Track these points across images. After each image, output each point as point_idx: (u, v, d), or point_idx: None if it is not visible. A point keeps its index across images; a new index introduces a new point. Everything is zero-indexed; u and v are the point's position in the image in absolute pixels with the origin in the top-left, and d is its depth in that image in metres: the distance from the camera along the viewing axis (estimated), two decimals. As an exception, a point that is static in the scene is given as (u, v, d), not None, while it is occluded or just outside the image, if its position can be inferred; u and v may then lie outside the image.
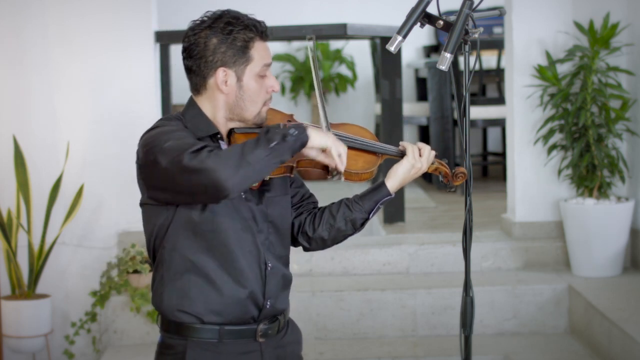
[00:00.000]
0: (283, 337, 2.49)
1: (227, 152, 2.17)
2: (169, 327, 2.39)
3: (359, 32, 5.24)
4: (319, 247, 2.58)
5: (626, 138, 4.84)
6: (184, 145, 2.20)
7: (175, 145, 2.22)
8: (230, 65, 2.36)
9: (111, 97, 4.86)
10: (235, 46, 2.36)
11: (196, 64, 2.38)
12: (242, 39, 2.37)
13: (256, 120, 2.41)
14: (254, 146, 2.18)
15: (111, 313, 4.56)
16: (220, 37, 2.36)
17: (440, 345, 4.37)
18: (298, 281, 4.64)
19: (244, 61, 2.37)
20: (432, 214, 5.84)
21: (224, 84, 2.37)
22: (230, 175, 2.14)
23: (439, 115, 6.59)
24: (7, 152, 4.66)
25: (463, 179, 2.57)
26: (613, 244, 4.64)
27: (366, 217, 2.52)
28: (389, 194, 2.52)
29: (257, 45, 2.39)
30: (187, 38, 2.39)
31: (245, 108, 2.39)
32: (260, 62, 2.39)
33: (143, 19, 4.90)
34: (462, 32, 2.49)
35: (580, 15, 4.85)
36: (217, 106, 2.40)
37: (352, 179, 2.46)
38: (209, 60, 2.37)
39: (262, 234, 2.42)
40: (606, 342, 4.04)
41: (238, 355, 2.38)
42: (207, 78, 2.39)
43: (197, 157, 2.16)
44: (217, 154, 2.16)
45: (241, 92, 2.38)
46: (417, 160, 2.50)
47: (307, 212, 2.57)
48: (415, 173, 2.52)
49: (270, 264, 2.42)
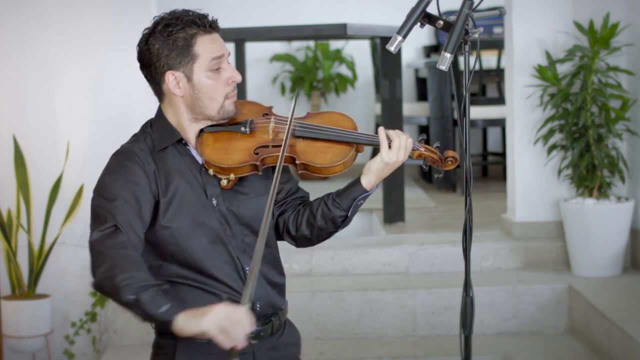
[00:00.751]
0: (279, 339, 2.45)
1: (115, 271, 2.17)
2: (160, 327, 2.35)
3: (359, 32, 5.24)
4: (305, 244, 2.50)
5: (626, 138, 4.84)
6: (97, 221, 2.28)
7: (92, 220, 2.30)
8: (177, 67, 2.33)
9: (111, 97, 4.86)
10: (177, 47, 2.32)
11: (148, 72, 2.38)
12: (182, 38, 2.32)
13: (222, 116, 2.36)
14: (120, 297, 2.17)
15: (111, 313, 4.56)
16: (161, 41, 2.33)
17: (440, 345, 4.37)
18: (298, 281, 4.65)
19: (188, 60, 2.32)
20: (432, 214, 5.84)
21: (176, 87, 2.34)
22: (94, 278, 2.21)
23: (439, 115, 6.59)
24: (7, 152, 4.66)
25: (453, 164, 2.47)
26: (613, 244, 4.63)
27: (345, 215, 2.42)
28: (365, 191, 2.40)
29: (201, 40, 2.33)
30: (138, 47, 2.38)
31: (205, 106, 2.35)
32: (207, 57, 2.33)
33: (143, 19, 4.86)
34: (462, 32, 2.48)
35: (580, 15, 4.85)
36: (179, 110, 2.38)
37: (321, 173, 2.37)
38: (156, 66, 2.35)
39: (236, 239, 2.38)
40: (606, 342, 4.04)
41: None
42: (160, 84, 2.37)
43: (90, 247, 2.25)
44: (104, 257, 2.20)
45: (195, 91, 2.34)
46: (392, 154, 2.37)
47: (292, 210, 2.49)
48: (392, 167, 2.39)
49: (248, 267, 2.37)
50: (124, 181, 2.31)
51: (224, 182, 2.37)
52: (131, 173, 2.33)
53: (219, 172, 2.35)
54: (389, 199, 5.36)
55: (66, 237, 4.79)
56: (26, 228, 4.57)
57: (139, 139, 2.42)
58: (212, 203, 2.36)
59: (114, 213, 2.25)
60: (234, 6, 7.61)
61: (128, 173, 2.33)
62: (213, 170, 2.35)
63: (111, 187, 2.31)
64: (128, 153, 2.38)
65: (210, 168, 2.35)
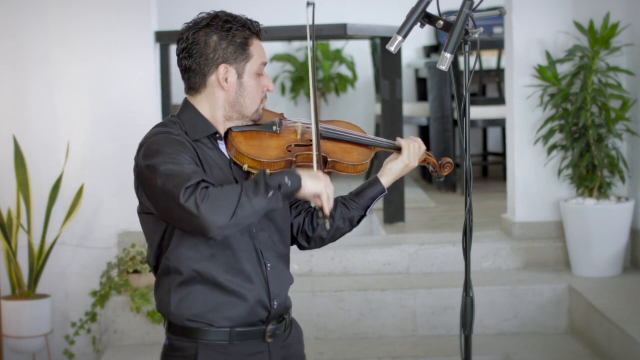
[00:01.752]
0: (288, 337, 2.49)
1: (223, 195, 2.17)
2: (177, 330, 2.38)
3: (359, 32, 5.24)
4: (317, 245, 2.61)
5: (626, 138, 4.84)
6: (181, 175, 2.20)
7: (173, 172, 2.22)
8: (232, 62, 2.38)
9: (111, 97, 4.86)
10: (235, 43, 2.38)
11: (196, 62, 2.38)
12: (241, 36, 2.39)
13: (254, 117, 2.44)
14: (253, 193, 2.18)
15: (111, 313, 4.56)
16: (220, 34, 2.37)
17: (440, 345, 4.37)
18: (298, 281, 4.63)
19: (244, 58, 2.39)
20: (432, 214, 5.84)
21: (224, 80, 2.38)
22: (222, 224, 2.17)
23: (439, 115, 6.59)
24: (7, 152, 4.66)
25: (450, 169, 2.62)
26: (613, 244, 4.64)
27: (363, 214, 2.57)
28: (384, 190, 2.56)
29: (255, 43, 2.42)
30: (185, 38, 2.39)
31: (246, 105, 2.41)
32: (258, 60, 2.41)
33: (143, 19, 4.90)
34: (462, 32, 2.49)
35: (580, 15, 4.85)
36: (217, 104, 2.41)
37: (348, 171, 2.49)
38: (209, 57, 2.38)
39: (264, 233, 2.42)
40: (606, 342, 4.04)
41: (247, 356, 2.39)
42: (208, 75, 2.39)
43: (192, 197, 2.16)
44: (212, 197, 2.16)
45: (241, 89, 2.40)
46: (413, 159, 2.54)
47: (305, 212, 2.58)
48: (408, 169, 2.56)
49: (270, 263, 2.42)
50: (181, 148, 2.31)
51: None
52: (182, 144, 2.33)
53: (255, 167, 2.40)
54: (389, 199, 5.36)
55: (66, 237, 4.79)
56: (26, 228, 4.57)
57: (170, 125, 2.40)
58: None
59: (190, 170, 2.24)
60: (234, 7, 7.60)
61: (181, 144, 2.32)
62: (248, 165, 2.40)
63: (169, 145, 2.29)
64: (169, 131, 2.35)
65: (246, 163, 2.40)
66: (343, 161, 2.47)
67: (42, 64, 4.79)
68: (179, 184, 2.18)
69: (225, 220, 2.16)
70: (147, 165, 2.27)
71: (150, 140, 2.33)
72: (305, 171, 2.28)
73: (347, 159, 2.48)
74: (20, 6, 4.74)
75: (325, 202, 2.25)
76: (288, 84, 7.93)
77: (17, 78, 4.77)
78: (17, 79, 4.77)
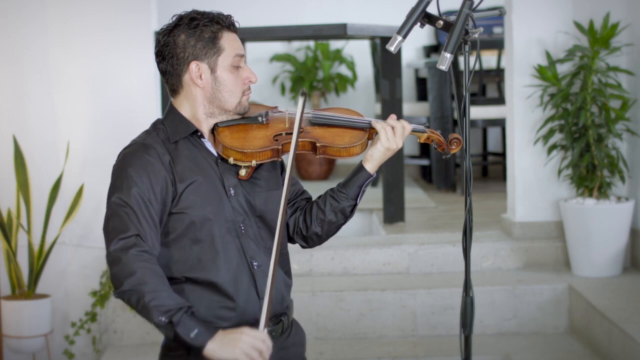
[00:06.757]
0: (287, 339, 2.48)
1: (139, 277, 2.20)
2: None
3: (359, 32, 5.24)
4: (316, 243, 2.57)
5: (626, 138, 4.84)
6: (122, 224, 2.28)
7: (118, 214, 2.31)
8: (202, 58, 2.38)
9: (111, 97, 4.86)
10: (204, 38, 2.38)
11: (169, 64, 2.40)
12: (209, 31, 2.38)
13: (239, 110, 2.44)
14: (155, 307, 2.18)
15: (111, 313, 4.56)
16: (187, 32, 2.38)
17: (440, 345, 4.37)
18: (298, 281, 4.64)
19: (214, 52, 2.38)
20: (432, 214, 5.84)
21: (198, 77, 2.39)
22: (118, 291, 2.23)
23: (439, 115, 6.59)
24: (7, 152, 4.66)
25: (459, 146, 2.56)
26: (613, 244, 4.64)
27: (354, 204, 2.51)
28: (371, 175, 2.50)
29: (226, 36, 2.40)
30: (157, 42, 2.42)
31: (225, 99, 2.41)
32: (232, 52, 2.40)
33: (143, 19, 4.90)
34: (462, 32, 2.49)
35: (580, 15, 4.85)
36: (196, 103, 2.42)
37: (341, 155, 2.47)
38: (180, 56, 2.39)
39: (253, 229, 2.42)
40: (606, 342, 4.04)
41: None
42: (182, 75, 2.40)
43: (117, 251, 2.25)
44: (127, 265, 2.22)
45: (217, 83, 2.40)
46: (391, 141, 2.47)
47: (301, 210, 2.56)
48: (392, 152, 2.50)
49: (257, 262, 2.41)
50: (142, 177, 2.33)
51: (242, 172, 2.42)
52: (150, 166, 2.35)
53: (240, 159, 2.40)
54: (389, 199, 5.36)
55: (66, 237, 4.79)
56: (26, 228, 4.57)
57: (151, 133, 2.44)
58: (230, 193, 2.40)
59: (134, 220, 2.28)
60: (234, 6, 7.62)
61: (148, 167, 2.35)
62: (234, 158, 2.40)
63: (129, 185, 2.33)
64: (142, 146, 2.39)
65: (231, 156, 2.40)
66: (333, 145, 2.45)
67: (42, 64, 4.79)
68: (114, 231, 2.28)
69: (119, 289, 2.22)
70: (109, 189, 2.38)
71: (119, 164, 2.40)
72: (230, 336, 2.17)
73: (337, 142, 2.45)
74: (20, 6, 4.74)
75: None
76: (288, 84, 7.93)
77: (17, 78, 4.77)
78: (17, 78, 4.77)
